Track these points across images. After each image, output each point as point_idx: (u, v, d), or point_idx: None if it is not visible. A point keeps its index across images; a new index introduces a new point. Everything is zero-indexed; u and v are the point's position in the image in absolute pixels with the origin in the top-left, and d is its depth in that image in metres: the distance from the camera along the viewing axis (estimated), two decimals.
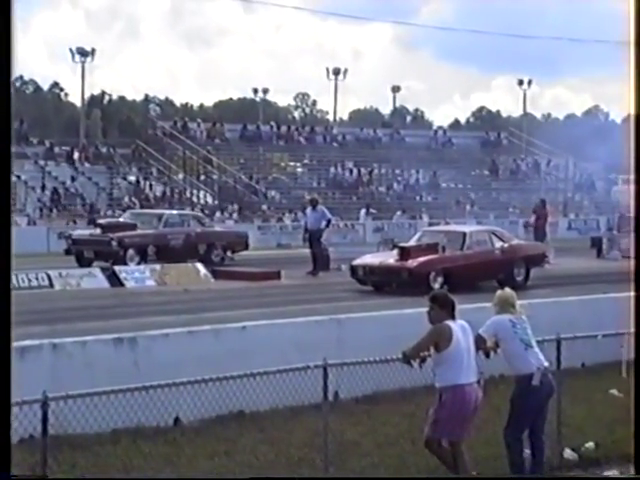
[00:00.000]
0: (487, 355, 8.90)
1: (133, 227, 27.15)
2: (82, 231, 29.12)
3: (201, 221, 29.74)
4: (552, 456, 9.30)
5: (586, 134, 47.55)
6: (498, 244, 22.77)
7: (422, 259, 21.25)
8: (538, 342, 9.01)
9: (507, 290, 9.22)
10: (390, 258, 21.96)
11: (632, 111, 5.76)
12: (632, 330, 9.08)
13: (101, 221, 29.56)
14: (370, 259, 22.41)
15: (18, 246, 30.46)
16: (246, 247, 29.35)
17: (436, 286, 20.08)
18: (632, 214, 23.94)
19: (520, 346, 8.77)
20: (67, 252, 26.97)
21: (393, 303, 17.14)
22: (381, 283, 21.76)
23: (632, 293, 6.44)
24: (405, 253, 21.52)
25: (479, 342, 8.67)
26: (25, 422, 7.28)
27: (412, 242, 22.69)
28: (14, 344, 9.74)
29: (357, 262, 22.23)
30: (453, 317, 8.41)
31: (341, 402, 10.08)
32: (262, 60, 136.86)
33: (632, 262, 11.48)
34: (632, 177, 6.74)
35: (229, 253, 28.44)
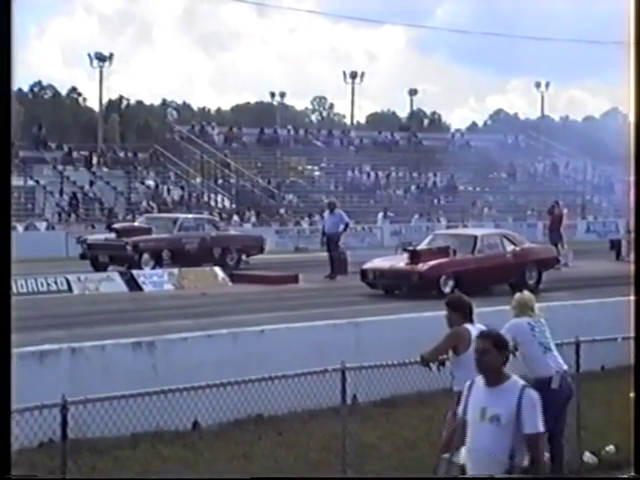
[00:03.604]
0: None
1: (148, 231, 27.13)
2: (97, 235, 29.08)
3: (216, 225, 29.70)
4: (572, 459, 9.26)
5: (605, 136, 47.37)
6: (510, 247, 22.68)
7: (433, 263, 21.17)
8: (557, 345, 8.98)
9: (526, 293, 9.20)
10: (400, 262, 21.87)
11: (632, 111, 5.74)
12: (632, 335, 9.01)
13: (116, 225, 29.47)
14: (380, 263, 22.32)
15: (37, 250, 30.67)
16: (261, 251, 29.32)
17: (447, 290, 20.04)
18: (632, 217, 23.77)
19: (539, 349, 8.74)
20: (82, 256, 26.94)
21: (411, 306, 17.13)
22: (391, 287, 21.71)
23: (632, 297, 6.41)
24: (415, 257, 21.45)
25: None
26: (45, 426, 7.30)
27: (423, 245, 22.62)
28: (33, 348, 9.82)
29: (367, 266, 22.16)
30: (471, 320, 8.38)
31: (359, 405, 10.06)
32: (277, 64, 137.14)
33: (632, 266, 11.42)
34: (632, 179, 6.69)
35: (244, 257, 28.42)
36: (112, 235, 27.11)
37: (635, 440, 5.76)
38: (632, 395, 11.44)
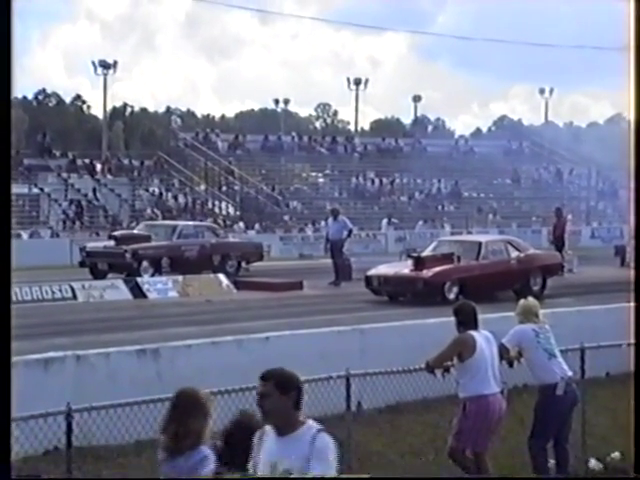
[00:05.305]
0: (510, 365, 8.87)
1: (147, 239, 27.03)
2: (96, 243, 28.96)
3: (215, 232, 29.59)
4: (577, 466, 9.24)
5: (609, 142, 47.33)
6: (514, 254, 22.67)
7: (437, 269, 21.17)
8: (562, 351, 8.97)
9: (530, 299, 9.19)
10: (405, 268, 21.91)
11: (632, 112, 5.76)
12: (632, 341, 9.00)
13: (115, 233, 29.31)
14: (385, 269, 22.32)
15: (41, 258, 30.67)
16: (260, 258, 29.26)
17: (451, 296, 20.07)
18: (632, 223, 23.74)
19: (544, 355, 8.73)
20: (81, 264, 26.85)
21: (415, 313, 17.11)
22: (396, 293, 21.70)
23: (632, 304, 6.40)
24: (420, 263, 21.46)
25: (502, 352, 8.65)
26: (50, 434, 7.30)
27: (427, 252, 22.63)
28: (38, 356, 9.82)
29: (372, 272, 22.16)
30: (476, 327, 8.38)
31: (364, 412, 10.05)
32: (280, 71, 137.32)
33: (632, 272, 11.43)
34: (632, 184, 6.69)
35: (244, 264, 28.36)
36: (111, 243, 26.99)
37: (635, 441, 5.76)
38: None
